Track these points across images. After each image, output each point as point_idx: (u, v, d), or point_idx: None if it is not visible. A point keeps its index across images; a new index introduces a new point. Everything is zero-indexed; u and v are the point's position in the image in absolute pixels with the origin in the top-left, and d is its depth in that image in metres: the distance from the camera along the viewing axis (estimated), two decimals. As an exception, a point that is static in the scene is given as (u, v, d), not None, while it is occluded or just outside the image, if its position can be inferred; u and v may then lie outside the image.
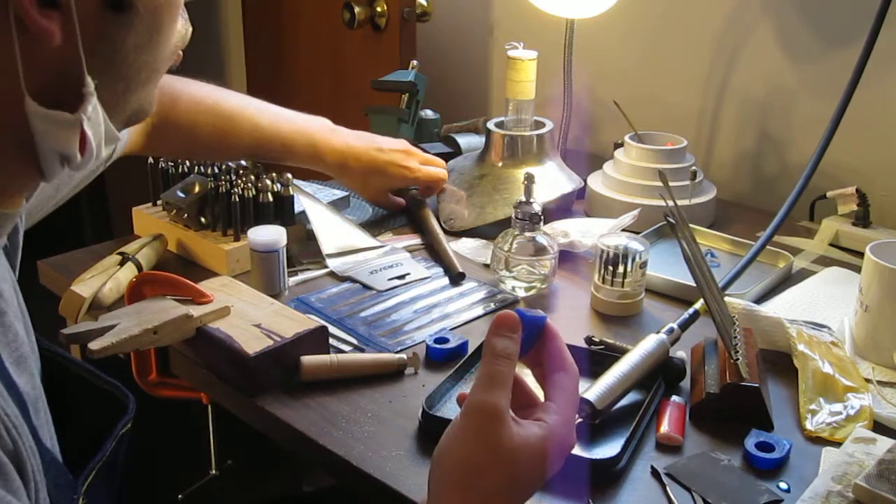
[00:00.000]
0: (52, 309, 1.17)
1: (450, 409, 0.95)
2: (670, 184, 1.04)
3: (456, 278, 1.25)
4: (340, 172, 1.35)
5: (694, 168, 1.43)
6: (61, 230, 3.15)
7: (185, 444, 1.41)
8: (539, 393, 0.72)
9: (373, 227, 1.42)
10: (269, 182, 1.30)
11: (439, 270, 1.29)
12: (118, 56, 0.60)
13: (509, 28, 1.95)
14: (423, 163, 1.40)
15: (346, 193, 1.48)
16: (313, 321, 1.04)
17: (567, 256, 1.30)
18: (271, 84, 2.34)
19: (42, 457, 0.62)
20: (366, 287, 1.23)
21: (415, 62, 1.63)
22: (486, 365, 0.66)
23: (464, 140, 1.62)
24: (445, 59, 2.09)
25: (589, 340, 1.07)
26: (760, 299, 1.20)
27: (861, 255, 1.10)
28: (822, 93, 1.52)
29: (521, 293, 1.21)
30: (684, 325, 1.03)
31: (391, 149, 1.36)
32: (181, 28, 0.67)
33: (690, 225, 1.14)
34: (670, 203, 1.02)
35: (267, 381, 0.99)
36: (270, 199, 1.29)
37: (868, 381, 1.01)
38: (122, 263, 1.19)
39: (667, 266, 1.25)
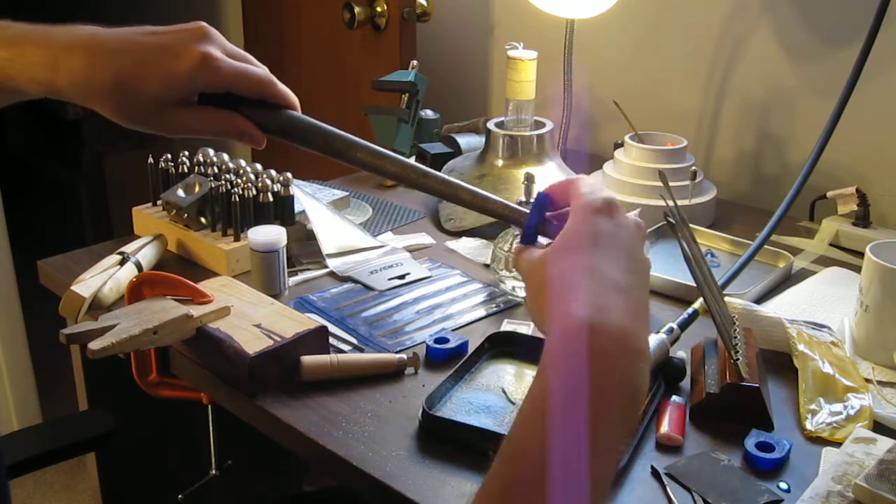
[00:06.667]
0: (53, 309, 1.17)
1: (450, 410, 0.95)
2: (670, 184, 1.04)
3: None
4: (71, 78, 0.67)
5: (694, 168, 1.43)
6: (61, 230, 3.17)
7: (185, 444, 1.41)
8: None
9: (373, 227, 1.42)
10: (269, 182, 1.30)
11: (441, 270, 1.29)
12: None
13: (509, 28, 1.95)
14: (232, 55, 0.71)
15: (346, 193, 1.48)
16: (313, 321, 1.04)
17: (567, 256, 1.30)
18: (271, 84, 2.34)
19: None
20: (366, 287, 1.23)
21: (415, 62, 1.63)
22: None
23: (464, 140, 1.62)
24: (445, 59, 2.09)
25: (589, 340, 1.07)
26: (760, 299, 1.20)
27: (861, 255, 1.10)
28: (822, 92, 1.52)
29: (521, 293, 1.21)
30: (684, 325, 1.03)
31: (171, 30, 0.70)
32: None
33: (690, 225, 1.14)
34: (670, 203, 1.02)
35: (267, 381, 0.99)
36: (270, 199, 1.29)
37: (868, 381, 1.01)
38: (122, 263, 1.19)
39: (667, 266, 1.25)
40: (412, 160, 1.62)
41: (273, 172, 1.33)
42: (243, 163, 1.36)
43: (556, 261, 0.62)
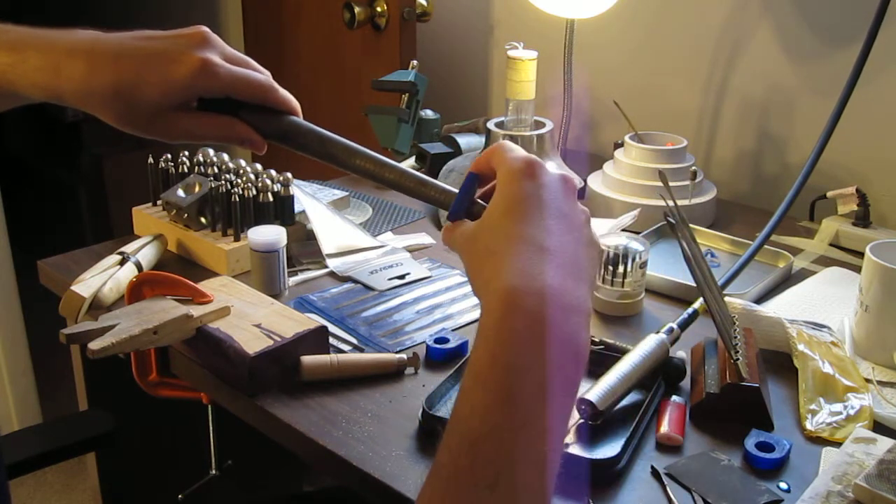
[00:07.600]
0: (53, 309, 1.17)
1: (450, 410, 0.95)
2: (670, 184, 1.05)
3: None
4: (72, 80, 0.68)
5: (694, 168, 1.43)
6: (61, 230, 3.17)
7: (185, 444, 1.41)
8: None
9: (373, 227, 1.42)
10: (269, 182, 1.30)
11: (441, 270, 1.29)
12: None
13: (509, 28, 1.95)
14: (232, 60, 0.71)
15: (346, 193, 1.48)
16: (313, 321, 1.04)
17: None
18: (271, 84, 2.34)
19: None
20: (366, 287, 1.23)
21: (415, 62, 1.63)
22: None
23: (464, 140, 1.62)
24: (445, 59, 2.09)
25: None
26: (760, 299, 1.20)
27: (861, 255, 1.10)
28: (822, 92, 1.52)
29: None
30: (684, 325, 1.03)
31: (171, 35, 0.70)
32: None
33: (690, 225, 1.14)
34: (670, 203, 1.02)
35: (267, 381, 0.99)
36: (270, 199, 1.29)
37: (868, 381, 1.01)
38: (122, 263, 1.19)
39: (667, 266, 1.25)
40: (412, 160, 1.63)
41: (273, 172, 1.33)
42: (243, 163, 1.36)
43: (484, 234, 0.63)
